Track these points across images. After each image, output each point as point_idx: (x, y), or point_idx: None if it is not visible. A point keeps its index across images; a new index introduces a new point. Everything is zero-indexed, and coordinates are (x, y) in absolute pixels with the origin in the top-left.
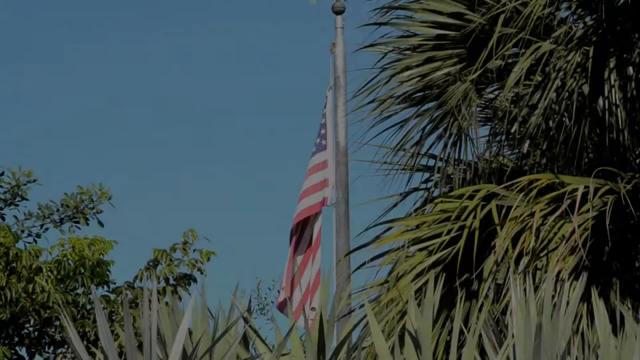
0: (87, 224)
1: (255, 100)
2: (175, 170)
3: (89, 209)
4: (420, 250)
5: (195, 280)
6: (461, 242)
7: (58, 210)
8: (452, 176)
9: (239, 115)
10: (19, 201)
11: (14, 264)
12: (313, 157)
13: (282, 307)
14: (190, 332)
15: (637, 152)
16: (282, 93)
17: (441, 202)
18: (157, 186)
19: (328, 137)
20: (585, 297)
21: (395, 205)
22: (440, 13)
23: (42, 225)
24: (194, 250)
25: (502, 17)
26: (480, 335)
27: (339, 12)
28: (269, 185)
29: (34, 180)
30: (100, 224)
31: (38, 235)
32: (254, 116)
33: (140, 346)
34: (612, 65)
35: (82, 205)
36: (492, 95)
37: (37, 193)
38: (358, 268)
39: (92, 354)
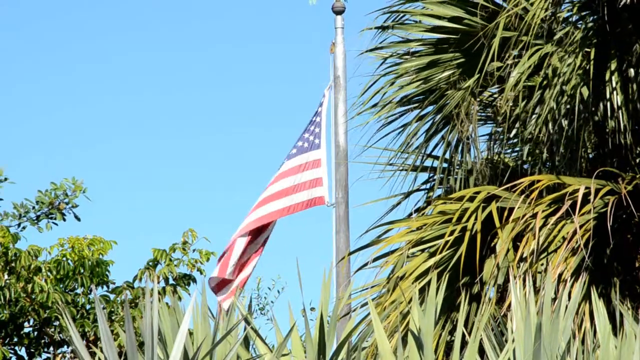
0: (64, 220)
1: (255, 100)
2: (175, 170)
3: (64, 204)
4: (422, 251)
5: (194, 280)
6: (463, 245)
7: (34, 207)
8: (455, 177)
9: (239, 116)
10: None
11: (13, 264)
12: (302, 155)
13: (213, 283)
14: (190, 333)
15: (638, 152)
16: (281, 94)
17: (442, 203)
18: (157, 185)
19: (322, 136)
20: (586, 298)
21: (396, 205)
22: (440, 18)
23: (19, 224)
24: (194, 250)
25: (502, 21)
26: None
27: (339, 12)
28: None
29: (5, 179)
30: (77, 218)
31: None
32: (255, 115)
33: (140, 346)
34: (613, 66)
35: (57, 200)
36: (493, 97)
37: (12, 193)
38: (360, 268)
39: (92, 354)
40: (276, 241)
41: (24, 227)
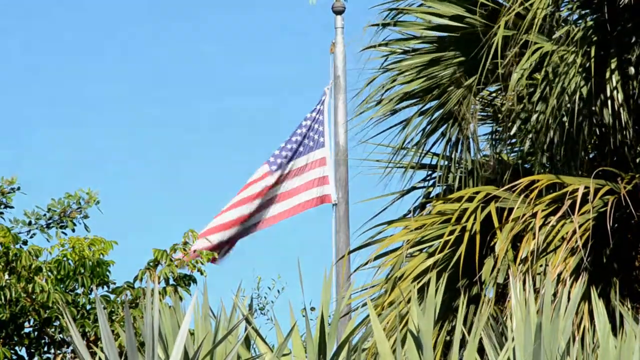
0: (74, 230)
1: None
2: (175, 170)
3: (76, 213)
4: (421, 251)
5: (195, 281)
6: (462, 246)
7: (44, 215)
8: (454, 174)
9: (239, 116)
10: (3, 209)
11: (14, 264)
12: (309, 154)
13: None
14: (191, 333)
15: (638, 152)
16: (279, 94)
17: (442, 203)
18: (157, 185)
19: (326, 134)
20: (586, 297)
21: (391, 203)
22: (441, 16)
23: (28, 232)
24: (194, 251)
25: (503, 20)
26: (480, 336)
27: (338, 12)
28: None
29: (18, 188)
30: (87, 229)
31: (25, 242)
32: (254, 115)
33: (140, 346)
34: (613, 65)
35: (70, 209)
36: (492, 95)
37: (23, 202)
38: (358, 268)
39: (93, 354)
40: (276, 241)
41: (33, 234)
